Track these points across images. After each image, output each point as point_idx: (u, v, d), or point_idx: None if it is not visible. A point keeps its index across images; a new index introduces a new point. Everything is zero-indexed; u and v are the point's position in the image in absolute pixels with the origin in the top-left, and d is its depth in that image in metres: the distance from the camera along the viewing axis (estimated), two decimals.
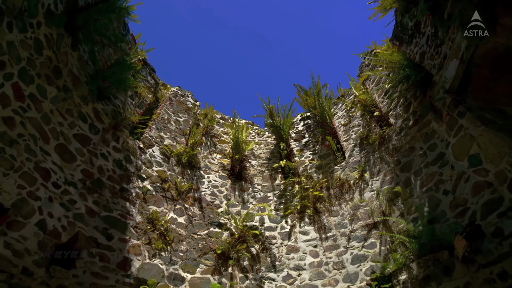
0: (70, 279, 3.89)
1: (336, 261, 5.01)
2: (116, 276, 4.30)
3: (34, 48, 3.99)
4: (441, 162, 4.51)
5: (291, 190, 6.36)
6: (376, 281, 4.45)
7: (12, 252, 3.48)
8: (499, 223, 3.53)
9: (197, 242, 5.36)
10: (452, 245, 3.84)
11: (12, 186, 3.64)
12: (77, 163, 4.63)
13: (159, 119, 6.69)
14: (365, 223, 5.16)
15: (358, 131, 6.50)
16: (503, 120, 4.04)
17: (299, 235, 5.60)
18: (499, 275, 3.38)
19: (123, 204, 5.01)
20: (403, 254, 4.35)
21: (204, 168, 6.67)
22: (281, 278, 5.05)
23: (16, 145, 3.75)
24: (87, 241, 4.33)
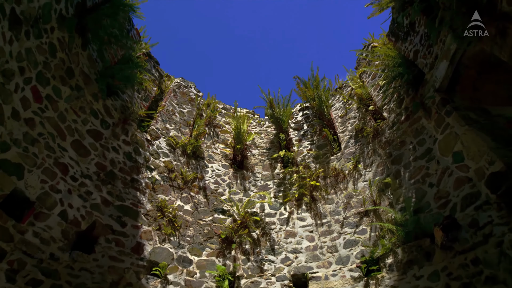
0: (91, 263, 4.33)
1: (330, 245, 5.46)
2: (131, 259, 4.75)
3: (49, 52, 4.24)
4: (428, 156, 4.85)
5: (289, 179, 6.75)
6: (365, 263, 4.91)
7: (40, 240, 3.89)
8: (475, 215, 3.91)
9: (202, 228, 5.80)
10: (433, 234, 4.26)
11: (36, 181, 4.01)
12: (91, 157, 4.98)
13: (164, 111, 6.99)
14: (357, 211, 5.57)
15: (354, 123, 6.80)
16: (486, 120, 4.35)
17: (296, 221, 6.04)
18: (472, 261, 3.81)
19: (134, 193, 5.41)
20: (390, 240, 4.77)
21: (208, 158, 7.03)
22: (280, 260, 5.53)
23: (38, 144, 4.09)
24: (104, 228, 4.75)
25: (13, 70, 3.67)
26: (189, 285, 4.93)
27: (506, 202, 3.62)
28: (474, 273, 3.76)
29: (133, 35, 6.46)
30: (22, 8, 3.58)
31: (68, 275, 4.02)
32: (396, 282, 4.46)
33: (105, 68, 5.39)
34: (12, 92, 3.68)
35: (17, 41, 3.63)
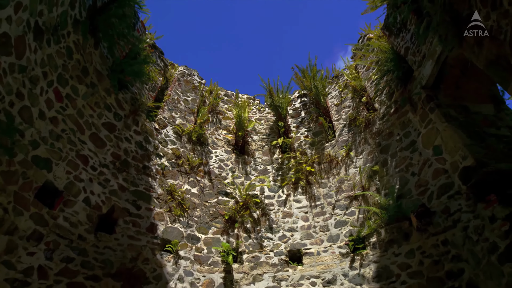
0: (113, 242, 4.94)
1: (322, 225, 6.08)
2: (146, 238, 5.37)
3: (66, 55, 4.59)
4: (412, 148, 5.33)
5: (287, 164, 7.26)
6: (353, 241, 5.53)
7: (69, 224, 4.46)
8: (448, 203, 4.46)
9: (208, 209, 6.39)
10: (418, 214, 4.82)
11: (62, 173, 4.52)
12: (107, 148, 5.45)
13: (170, 100, 7.37)
14: (347, 195, 6.14)
15: (348, 112, 7.20)
16: (465, 117, 4.77)
17: (293, 203, 6.63)
18: (442, 242, 4.41)
19: (146, 179, 5.94)
20: (375, 222, 5.36)
21: (212, 144, 7.50)
22: (277, 238, 6.16)
23: (61, 139, 4.56)
24: (122, 211, 5.32)
25: (38, 75, 4.06)
26: (197, 260, 5.59)
27: (474, 193, 4.15)
28: (443, 252, 4.37)
29: (139, 27, 6.71)
30: (44, 19, 3.91)
31: (95, 252, 4.64)
32: (378, 258, 5.10)
33: (115, 64, 5.72)
34: (38, 95, 4.09)
35: (40, 49, 3.99)
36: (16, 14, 3.35)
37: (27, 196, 3.91)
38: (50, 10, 3.95)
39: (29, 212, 3.91)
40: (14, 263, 3.72)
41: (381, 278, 4.90)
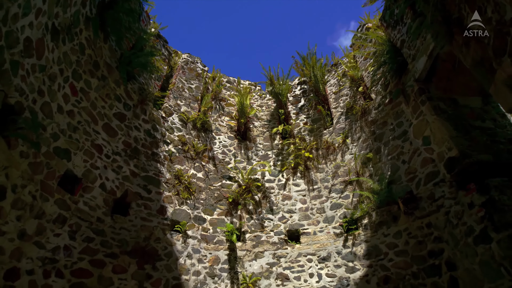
0: (127, 223, 5.40)
1: (319, 207, 6.53)
2: (157, 219, 5.82)
3: (79, 51, 4.84)
4: (404, 137, 5.67)
5: (287, 150, 7.63)
6: (346, 223, 5.99)
7: (88, 208, 4.89)
8: (433, 190, 4.86)
9: (213, 192, 6.82)
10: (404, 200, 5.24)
11: (80, 161, 4.89)
12: (119, 136, 5.80)
13: (175, 88, 7.62)
14: (343, 180, 6.54)
15: (345, 100, 7.47)
16: (453, 110, 5.07)
17: (292, 187, 7.05)
18: (426, 224, 4.84)
19: (155, 165, 6.32)
20: (367, 205, 5.79)
21: (215, 130, 7.83)
22: (277, 219, 6.63)
23: (78, 130, 4.90)
24: (134, 195, 5.75)
25: (56, 72, 4.34)
26: (204, 239, 6.08)
27: (456, 181, 4.53)
28: (426, 233, 4.82)
29: (144, 18, 6.85)
30: (59, 20, 4.14)
31: (112, 233, 5.10)
32: (369, 238, 5.57)
33: (123, 56, 5.95)
34: (56, 91, 4.39)
35: (56, 48, 4.25)
36: (37, 19, 3.60)
37: (51, 184, 4.30)
38: (64, 11, 4.18)
39: (53, 198, 4.32)
40: (44, 243, 4.17)
41: (371, 256, 5.39)
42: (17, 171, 3.70)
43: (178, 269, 5.52)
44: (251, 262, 5.95)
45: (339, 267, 5.63)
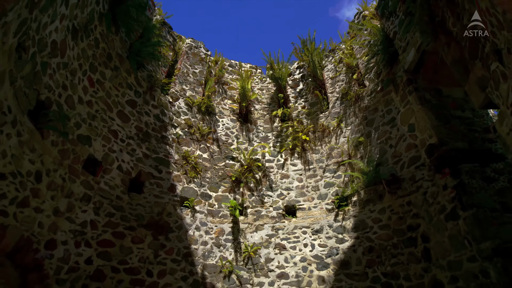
0: (142, 200, 6.01)
1: (314, 185, 7.13)
2: (168, 196, 6.43)
3: (94, 45, 5.21)
4: (392, 124, 6.14)
5: (285, 132, 8.11)
6: (338, 200, 6.61)
7: (109, 187, 5.47)
8: (414, 172, 5.41)
9: (217, 171, 7.40)
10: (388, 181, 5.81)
11: (100, 146, 5.41)
12: (131, 122, 6.27)
13: (180, 73, 7.98)
14: (336, 161, 7.09)
15: (341, 86, 7.84)
16: (437, 100, 5.50)
17: (290, 166, 7.62)
18: (407, 202, 5.44)
19: (164, 147, 6.85)
20: (357, 184, 6.37)
21: (219, 113, 8.27)
22: (276, 195, 7.26)
23: (96, 118, 5.38)
24: (147, 175, 6.32)
25: (76, 68, 4.76)
26: (210, 213, 6.73)
27: (434, 165, 5.06)
28: (407, 210, 5.43)
29: (149, 6, 7.09)
30: (78, 21, 4.50)
31: (129, 208, 5.72)
32: (357, 213, 6.20)
33: (133, 47, 6.29)
34: (77, 84, 4.83)
35: (76, 46, 4.64)
36: (61, 23, 3.97)
37: (77, 167, 4.86)
38: (82, 11, 4.52)
39: (79, 180, 4.89)
40: (74, 218, 4.79)
41: (358, 229, 6.05)
42: (50, 158, 4.24)
43: (188, 239, 6.21)
44: (252, 233, 6.64)
45: (330, 239, 6.31)
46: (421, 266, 5.00)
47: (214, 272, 6.06)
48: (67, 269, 4.62)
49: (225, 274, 6.04)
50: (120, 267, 5.28)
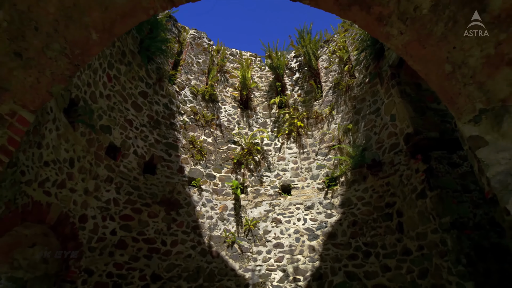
0: (155, 180, 6.76)
1: (307, 167, 7.87)
2: (177, 176, 7.19)
3: (111, 45, 5.75)
4: (377, 113, 6.78)
5: (282, 118, 8.74)
6: (328, 180, 7.37)
7: (127, 170, 6.20)
8: (394, 157, 6.12)
9: (221, 154, 8.12)
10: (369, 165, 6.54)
11: (118, 134, 6.08)
12: (144, 111, 6.91)
13: (185, 63, 8.50)
14: (327, 145, 7.79)
15: (334, 76, 8.39)
16: (416, 94, 6.11)
17: (286, 150, 8.33)
18: (386, 183, 6.18)
19: (173, 133, 7.52)
20: (345, 167, 7.11)
21: (221, 101, 8.87)
22: (273, 176, 8.02)
23: (114, 110, 6.01)
24: (158, 158, 7.04)
25: (97, 66, 5.34)
26: (215, 191, 7.52)
27: (410, 152, 5.75)
28: (385, 190, 6.19)
29: None
30: None
31: (145, 188, 6.49)
32: (344, 192, 6.98)
33: (143, 42, 6.80)
34: (98, 81, 5.43)
35: None
36: None
37: (101, 153, 5.56)
38: None
39: (103, 164, 5.61)
40: (100, 197, 5.55)
41: (344, 205, 6.85)
42: (80, 146, 4.93)
43: (195, 214, 7.03)
44: (252, 209, 7.46)
45: (320, 214, 7.14)
46: (395, 237, 5.83)
47: (219, 242, 6.92)
48: (96, 239, 5.44)
49: (228, 243, 6.91)
50: (139, 238, 6.12)
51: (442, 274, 4.89)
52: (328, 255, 6.58)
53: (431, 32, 1.98)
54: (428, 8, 1.96)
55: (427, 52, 2.06)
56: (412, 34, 2.11)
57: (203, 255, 6.65)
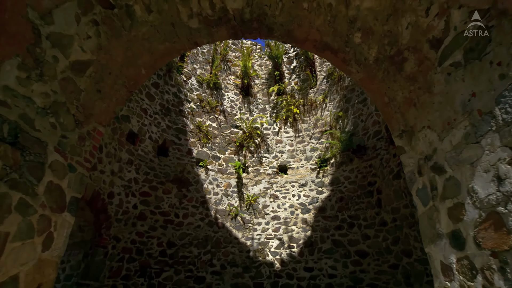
0: (168, 162, 7.60)
1: (302, 150, 8.71)
2: (186, 158, 8.03)
3: None
4: (364, 103, 7.52)
5: (280, 104, 9.45)
6: (320, 161, 8.23)
7: (144, 153, 7.02)
8: (376, 143, 6.94)
9: (224, 138, 8.92)
10: (355, 149, 7.37)
11: (136, 122, 6.84)
12: (156, 100, 7.62)
13: (191, 54, 9.08)
14: (320, 130, 8.58)
15: (328, 66, 9.00)
16: None
17: (283, 133, 9.12)
18: (369, 165, 7.04)
19: (182, 119, 8.28)
20: (335, 150, 7.94)
21: (224, 88, 9.54)
22: (271, 157, 8.87)
23: (132, 101, 6.73)
24: (170, 142, 7.85)
25: None
26: (220, 171, 8.40)
27: (389, 139, 6.57)
28: (368, 171, 7.06)
29: None
30: None
31: (159, 168, 7.34)
32: (333, 172, 7.87)
33: None
34: None
35: None
36: None
37: (123, 140, 6.35)
38: None
39: (125, 149, 6.42)
40: (123, 176, 6.42)
41: (333, 183, 7.76)
42: (106, 134, 5.72)
43: (203, 191, 7.95)
44: (252, 186, 8.38)
45: (312, 191, 8.06)
46: (374, 211, 6.78)
47: (224, 215, 7.89)
48: (122, 212, 6.36)
49: (232, 216, 7.89)
50: (156, 211, 7.07)
51: (410, 241, 5.87)
52: (318, 226, 7.57)
53: (376, 75, 2.72)
54: (372, 60, 2.69)
55: (375, 87, 2.81)
56: (365, 74, 2.85)
57: (210, 225, 7.64)
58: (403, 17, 2.20)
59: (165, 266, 6.93)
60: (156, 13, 2.55)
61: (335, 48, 2.89)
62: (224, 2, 2.65)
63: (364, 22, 2.47)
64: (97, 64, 2.49)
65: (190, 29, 2.80)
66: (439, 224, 2.12)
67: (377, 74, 2.71)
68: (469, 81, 1.82)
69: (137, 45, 2.69)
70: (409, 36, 2.24)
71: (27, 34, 1.93)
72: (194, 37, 2.90)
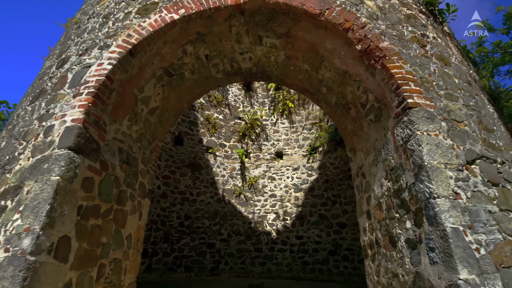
0: (183, 150, 9.24)
1: (295, 139, 10.33)
2: (198, 146, 9.67)
3: None
4: None
5: (278, 99, 10.95)
6: (310, 149, 9.89)
7: (164, 143, 8.66)
8: None
9: (229, 128, 10.51)
10: (337, 141, 9.01)
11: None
12: None
13: None
14: (311, 122, 10.16)
15: None
16: None
17: (280, 124, 10.70)
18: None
19: (193, 113, 9.82)
20: (323, 140, 9.58)
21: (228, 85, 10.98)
22: (270, 145, 10.51)
23: None
24: (184, 133, 9.44)
25: None
26: (226, 156, 10.07)
27: None
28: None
29: None
30: None
31: (176, 155, 9.00)
32: (321, 159, 9.56)
33: None
34: None
35: None
36: None
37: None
38: None
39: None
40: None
41: (321, 168, 9.47)
42: None
43: (212, 173, 9.67)
44: (253, 170, 10.10)
45: (303, 174, 9.80)
46: (352, 191, 8.55)
47: (230, 193, 9.67)
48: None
49: (236, 194, 9.67)
50: (175, 191, 8.81)
51: None
52: (308, 203, 9.38)
53: (336, 111, 4.30)
54: (333, 103, 4.26)
55: (336, 118, 4.39)
56: (330, 109, 4.44)
57: (218, 202, 9.44)
58: (347, 87, 3.76)
59: (183, 234, 8.79)
60: (197, 73, 4.08)
61: (311, 91, 4.44)
62: (239, 64, 4.17)
63: (327, 82, 4.01)
64: (161, 107, 4.06)
65: (216, 79, 4.34)
66: (363, 206, 3.82)
67: (337, 111, 4.29)
68: (375, 131, 3.45)
69: (184, 92, 4.22)
70: (351, 97, 3.81)
71: (132, 102, 3.50)
72: (218, 83, 4.45)
